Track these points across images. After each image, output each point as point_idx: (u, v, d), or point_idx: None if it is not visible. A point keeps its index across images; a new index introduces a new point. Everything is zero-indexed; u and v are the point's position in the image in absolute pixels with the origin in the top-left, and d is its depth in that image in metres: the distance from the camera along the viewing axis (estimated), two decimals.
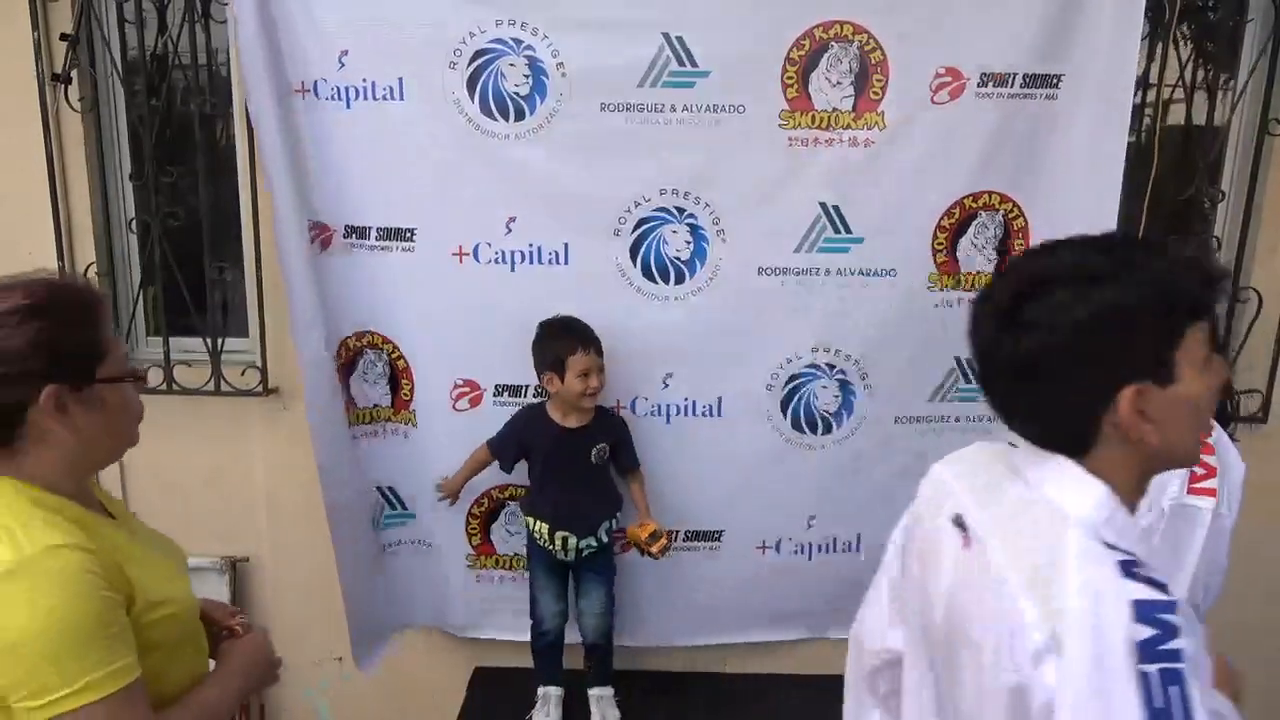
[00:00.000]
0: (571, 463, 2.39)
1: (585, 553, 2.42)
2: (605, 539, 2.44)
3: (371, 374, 2.54)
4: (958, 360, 2.48)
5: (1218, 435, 1.64)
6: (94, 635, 1.06)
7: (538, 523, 2.43)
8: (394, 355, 2.53)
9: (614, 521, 2.46)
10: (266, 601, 2.81)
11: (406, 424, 2.57)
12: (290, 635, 2.67)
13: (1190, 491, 1.58)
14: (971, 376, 2.47)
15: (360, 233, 2.44)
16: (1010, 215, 2.40)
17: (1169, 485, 1.58)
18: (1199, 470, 1.58)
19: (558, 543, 2.40)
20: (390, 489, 2.61)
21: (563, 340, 2.32)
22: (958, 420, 2.52)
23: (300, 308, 2.39)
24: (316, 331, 2.41)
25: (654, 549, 2.35)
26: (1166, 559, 1.54)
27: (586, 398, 2.32)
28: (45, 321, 1.11)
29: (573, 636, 2.51)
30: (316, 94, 2.35)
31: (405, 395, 2.55)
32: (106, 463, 1.24)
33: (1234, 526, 1.64)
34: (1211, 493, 1.58)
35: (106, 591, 1.09)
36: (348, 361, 2.51)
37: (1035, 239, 2.39)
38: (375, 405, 2.56)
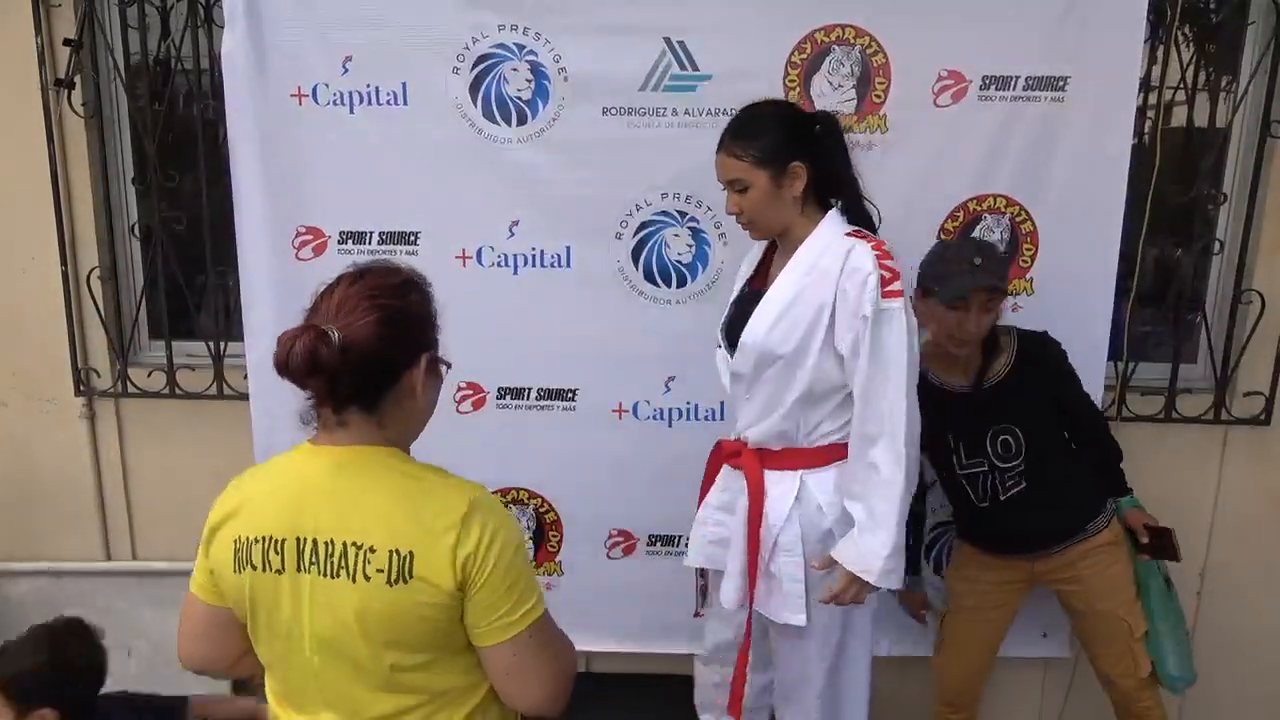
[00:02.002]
0: None
1: None
2: None
3: None
4: None
5: (891, 246, 1.80)
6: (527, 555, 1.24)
7: None
8: None
9: None
10: None
11: None
12: None
13: (884, 296, 1.72)
14: None
15: (359, 238, 2.44)
16: (1018, 219, 2.40)
17: (863, 301, 1.72)
18: (887, 275, 1.73)
19: None
20: None
21: None
22: None
23: (255, 310, 2.42)
24: (269, 337, 2.41)
25: None
26: (872, 360, 1.73)
27: None
28: (427, 294, 1.24)
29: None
30: (316, 99, 2.35)
31: None
32: (414, 439, 1.30)
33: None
34: (899, 294, 1.74)
35: None
36: None
37: (1044, 243, 2.39)
38: None
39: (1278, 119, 2.40)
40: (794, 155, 1.80)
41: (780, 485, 1.88)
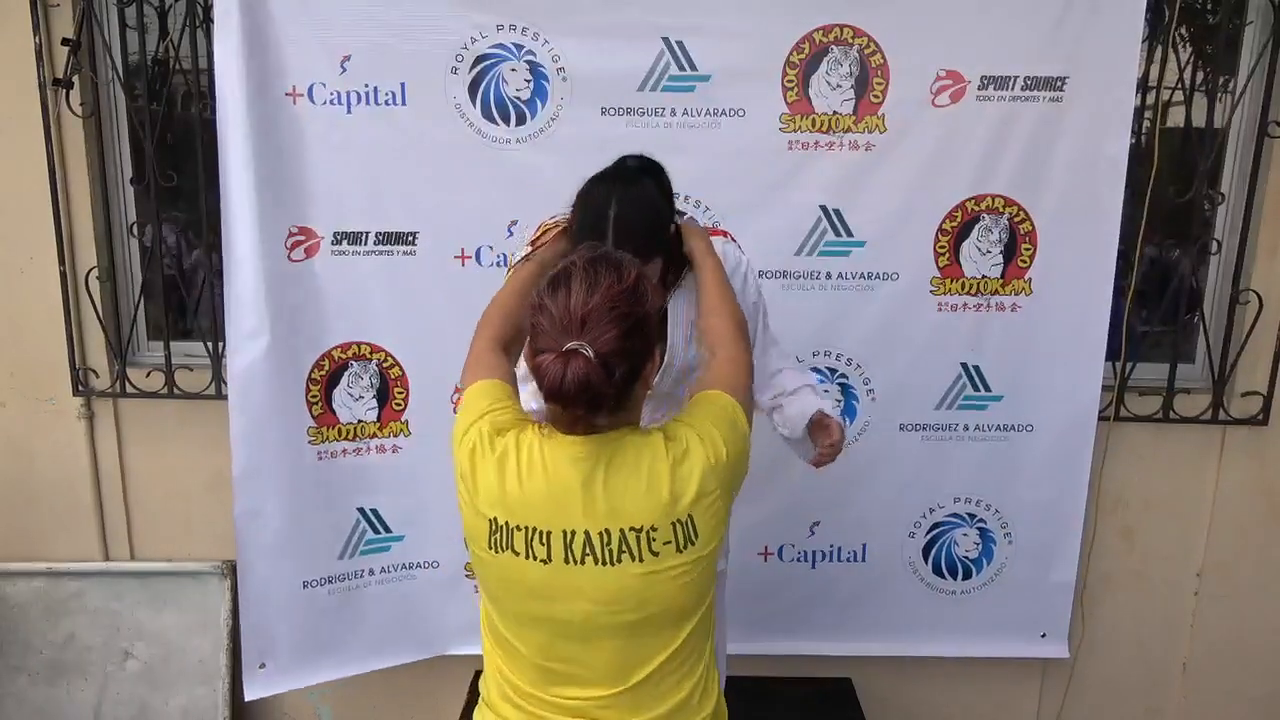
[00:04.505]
0: None
1: None
2: None
3: (357, 388, 2.52)
4: (964, 367, 2.47)
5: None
6: None
7: None
8: (386, 364, 2.52)
9: None
10: None
11: (397, 435, 2.56)
12: None
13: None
14: (979, 384, 2.47)
15: (355, 238, 2.43)
16: (1016, 219, 2.40)
17: (747, 290, 1.91)
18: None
19: None
20: (374, 511, 2.58)
21: None
22: (968, 429, 2.50)
23: (242, 316, 2.37)
24: (259, 341, 2.38)
25: None
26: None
27: None
28: (650, 285, 1.28)
29: None
30: (312, 99, 2.34)
31: (398, 405, 2.55)
32: None
33: None
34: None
35: None
36: (330, 375, 2.50)
37: (1042, 243, 2.40)
38: (359, 421, 2.54)
39: (1276, 119, 2.41)
40: (667, 228, 1.77)
41: None
